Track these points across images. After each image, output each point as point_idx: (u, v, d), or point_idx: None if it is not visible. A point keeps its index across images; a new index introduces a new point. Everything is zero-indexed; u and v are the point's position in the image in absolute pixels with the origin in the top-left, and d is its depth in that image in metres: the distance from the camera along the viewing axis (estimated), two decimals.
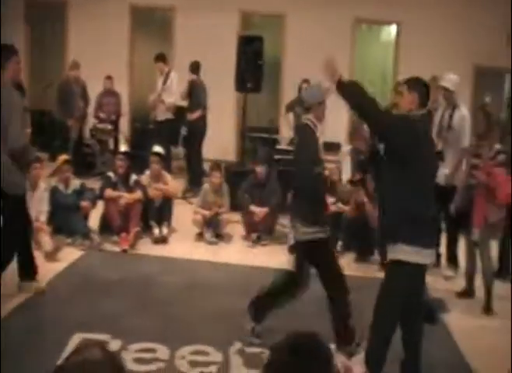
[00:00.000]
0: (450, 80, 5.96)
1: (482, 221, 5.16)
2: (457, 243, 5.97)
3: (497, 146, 5.32)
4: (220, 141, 10.43)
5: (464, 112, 5.99)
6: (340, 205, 6.85)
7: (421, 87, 3.83)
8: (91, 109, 10.10)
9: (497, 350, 4.46)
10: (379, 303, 3.76)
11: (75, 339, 4.21)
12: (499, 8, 10.36)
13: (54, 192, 6.58)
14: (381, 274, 6.00)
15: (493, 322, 5.10)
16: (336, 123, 10.20)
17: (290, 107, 8.71)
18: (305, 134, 4.43)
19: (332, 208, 6.82)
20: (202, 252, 6.53)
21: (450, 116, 5.92)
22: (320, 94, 4.51)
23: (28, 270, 5.09)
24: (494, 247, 5.81)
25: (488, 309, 5.21)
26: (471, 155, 5.48)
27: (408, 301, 3.76)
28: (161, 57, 9.14)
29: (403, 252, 3.62)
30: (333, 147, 9.76)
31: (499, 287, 5.55)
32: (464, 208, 5.37)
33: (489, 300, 5.24)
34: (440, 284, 5.71)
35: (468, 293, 5.53)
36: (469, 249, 5.48)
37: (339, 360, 4.14)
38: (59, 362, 1.67)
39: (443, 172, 5.59)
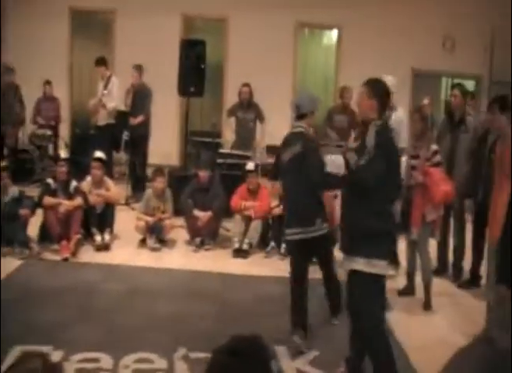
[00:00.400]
0: (388, 81, 6.06)
1: (420, 220, 5.28)
2: (397, 242, 6.09)
3: (434, 147, 5.45)
4: (163, 146, 10.35)
5: (400, 113, 6.13)
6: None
7: (382, 93, 3.71)
8: (29, 115, 9.88)
9: (437, 345, 4.58)
10: (359, 310, 3.71)
11: (15, 352, 4.07)
12: (435, 11, 10.68)
13: None
14: None
15: (433, 318, 5.23)
16: (279, 126, 10.31)
17: (232, 112, 8.73)
18: (305, 141, 4.55)
19: (276, 211, 6.86)
20: (145, 259, 6.46)
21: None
22: (315, 103, 4.71)
23: None
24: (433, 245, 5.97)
25: (427, 306, 5.34)
26: (409, 155, 5.59)
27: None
28: (102, 61, 9.02)
29: (358, 264, 3.65)
30: (276, 150, 9.81)
31: (438, 284, 5.70)
32: (404, 208, 5.47)
33: (429, 297, 5.37)
34: None
35: (408, 291, 5.66)
36: (409, 248, 5.60)
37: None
38: None
39: None
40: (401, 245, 5.71)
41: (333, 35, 11.47)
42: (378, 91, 3.70)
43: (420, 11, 10.78)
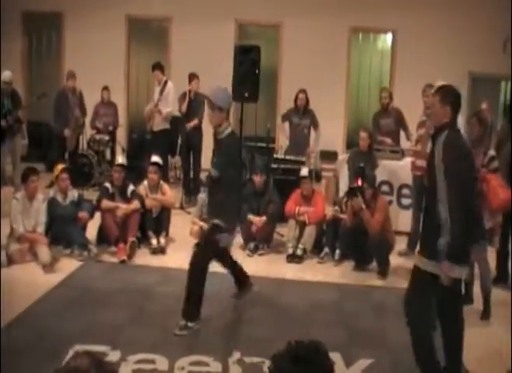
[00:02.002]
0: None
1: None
2: None
3: (491, 152, 5.32)
4: None
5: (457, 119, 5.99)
6: (337, 210, 6.86)
7: (454, 98, 3.75)
8: (88, 120, 10.13)
9: (494, 356, 4.47)
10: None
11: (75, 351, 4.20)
12: (494, 15, 10.42)
13: (51, 203, 6.59)
14: (379, 283, 6.05)
15: (491, 328, 5.10)
16: (333, 132, 10.27)
17: (286, 116, 8.73)
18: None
19: (329, 214, 6.85)
20: None
21: None
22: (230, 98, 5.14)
23: None
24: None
25: (486, 315, 5.21)
26: None
27: None
28: (158, 66, 9.18)
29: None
30: (330, 155, 9.79)
31: (496, 294, 5.55)
32: None
33: (488, 306, 5.24)
34: None
35: (466, 300, 5.52)
36: None
37: None
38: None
39: None
40: None
41: (387, 39, 11.34)
42: (450, 97, 3.74)
43: (478, 13, 10.54)
